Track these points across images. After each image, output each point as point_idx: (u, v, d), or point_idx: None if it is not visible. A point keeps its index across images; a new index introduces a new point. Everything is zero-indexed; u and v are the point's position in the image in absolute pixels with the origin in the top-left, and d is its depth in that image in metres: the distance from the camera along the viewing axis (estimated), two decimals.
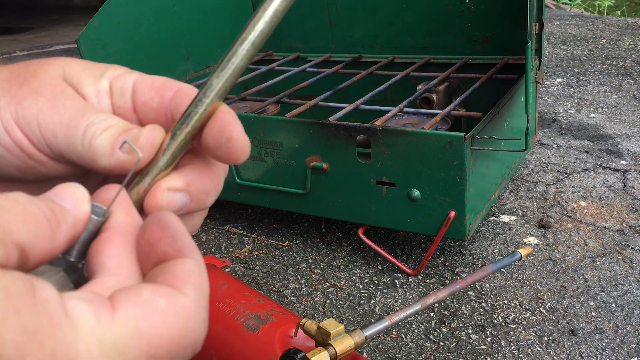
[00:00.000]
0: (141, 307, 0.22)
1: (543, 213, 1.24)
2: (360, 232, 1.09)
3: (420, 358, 0.86)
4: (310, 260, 1.13)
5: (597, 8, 4.39)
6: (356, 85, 1.33)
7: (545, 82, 2.15)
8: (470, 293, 1.00)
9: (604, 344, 0.87)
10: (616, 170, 1.43)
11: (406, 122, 1.14)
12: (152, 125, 0.28)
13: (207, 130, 0.27)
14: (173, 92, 0.30)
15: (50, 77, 0.30)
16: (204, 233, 1.24)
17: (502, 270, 1.06)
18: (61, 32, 4.29)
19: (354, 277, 1.06)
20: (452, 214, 0.97)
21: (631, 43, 2.63)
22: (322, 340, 0.60)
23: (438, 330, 0.92)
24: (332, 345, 0.59)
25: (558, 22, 3.19)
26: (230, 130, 0.27)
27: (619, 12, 4.37)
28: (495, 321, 0.93)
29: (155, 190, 0.28)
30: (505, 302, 0.97)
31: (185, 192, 0.28)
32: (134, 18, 1.31)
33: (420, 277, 1.05)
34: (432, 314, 0.95)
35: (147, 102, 0.30)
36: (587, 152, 1.54)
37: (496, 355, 0.86)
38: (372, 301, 1.00)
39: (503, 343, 0.88)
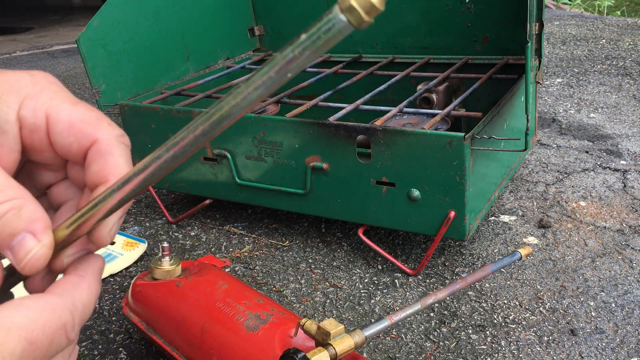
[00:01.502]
0: (13, 307, 0.29)
1: (543, 213, 1.24)
2: (360, 232, 1.09)
3: (420, 358, 0.86)
4: (310, 260, 1.13)
5: (597, 8, 4.39)
6: (356, 85, 1.33)
7: (545, 82, 2.15)
8: (470, 293, 1.00)
9: (603, 344, 0.87)
10: (616, 170, 1.43)
11: (406, 122, 1.14)
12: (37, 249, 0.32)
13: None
14: (90, 141, 0.32)
15: None
16: (204, 233, 1.24)
17: (502, 270, 1.06)
18: (61, 32, 4.29)
19: (354, 277, 1.06)
20: (452, 214, 0.97)
21: (631, 43, 2.63)
22: (322, 340, 0.60)
23: (438, 330, 0.92)
24: (332, 345, 0.59)
25: (558, 22, 3.19)
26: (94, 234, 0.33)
27: (619, 12, 4.37)
28: (495, 321, 0.93)
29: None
30: (505, 302, 0.98)
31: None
32: (134, 18, 1.31)
33: (420, 277, 1.05)
34: (432, 314, 0.96)
35: (66, 147, 0.33)
36: (587, 152, 1.54)
37: (496, 355, 0.86)
38: (372, 301, 1.00)
39: (503, 343, 0.88)
